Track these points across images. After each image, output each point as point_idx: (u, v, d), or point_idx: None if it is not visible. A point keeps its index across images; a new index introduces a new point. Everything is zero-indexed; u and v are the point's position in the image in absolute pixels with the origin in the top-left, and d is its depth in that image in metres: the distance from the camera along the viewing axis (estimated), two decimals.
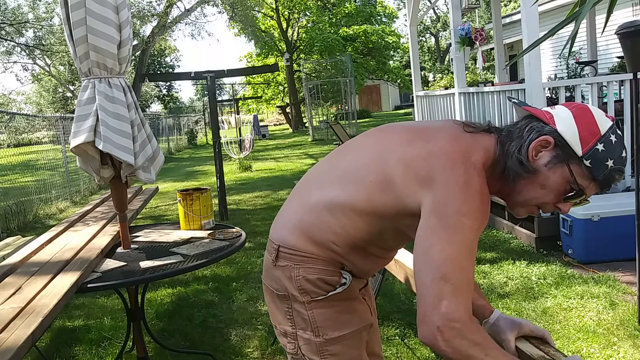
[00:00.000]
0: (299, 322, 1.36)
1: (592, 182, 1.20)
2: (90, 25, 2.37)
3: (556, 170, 1.19)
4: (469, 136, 1.26)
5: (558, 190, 1.21)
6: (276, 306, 1.41)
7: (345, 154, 1.40)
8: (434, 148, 1.22)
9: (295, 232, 1.35)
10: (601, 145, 1.17)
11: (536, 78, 4.45)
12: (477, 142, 1.25)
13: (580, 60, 8.50)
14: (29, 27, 21.65)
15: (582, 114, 1.20)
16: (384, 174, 1.26)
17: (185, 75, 7.76)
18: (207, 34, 60.33)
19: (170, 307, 3.99)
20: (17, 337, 1.75)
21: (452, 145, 1.22)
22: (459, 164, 1.18)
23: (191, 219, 2.98)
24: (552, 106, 1.27)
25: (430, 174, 1.19)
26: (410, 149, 1.25)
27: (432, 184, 1.18)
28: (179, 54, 52.00)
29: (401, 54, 36.90)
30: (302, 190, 1.43)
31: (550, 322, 3.19)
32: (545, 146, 1.20)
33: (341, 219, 1.30)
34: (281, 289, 1.37)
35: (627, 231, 3.64)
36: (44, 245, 2.82)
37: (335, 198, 1.30)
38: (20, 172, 10.45)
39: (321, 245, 1.32)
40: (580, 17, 1.37)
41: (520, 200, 1.26)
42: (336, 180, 1.34)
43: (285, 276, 1.35)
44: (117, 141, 2.42)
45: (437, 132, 1.29)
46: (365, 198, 1.27)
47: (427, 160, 1.21)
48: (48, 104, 34.18)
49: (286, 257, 1.35)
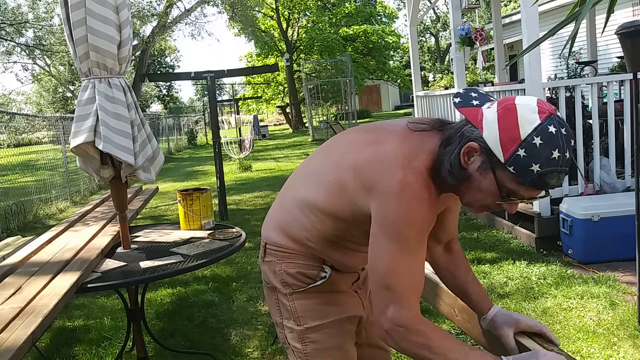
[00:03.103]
0: (284, 312, 1.48)
1: (521, 186, 1.14)
2: (90, 25, 2.37)
3: (486, 175, 1.17)
4: (416, 137, 1.27)
5: (493, 193, 1.18)
6: (269, 299, 1.53)
7: (321, 154, 1.49)
8: (379, 152, 1.26)
9: (276, 230, 1.47)
10: (522, 150, 1.10)
11: (536, 78, 4.45)
12: (423, 144, 1.25)
13: (580, 60, 8.49)
14: (29, 27, 21.65)
15: (505, 117, 1.13)
16: (339, 177, 1.33)
17: (185, 75, 7.76)
18: (207, 34, 60.37)
19: (170, 307, 3.99)
20: (17, 337, 1.75)
21: (396, 149, 1.24)
22: (399, 169, 1.20)
23: (191, 219, 2.98)
24: (491, 102, 1.21)
25: (372, 181, 1.24)
26: (361, 154, 1.30)
27: (374, 192, 1.23)
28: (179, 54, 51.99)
29: (401, 54, 36.88)
30: (283, 190, 1.54)
31: (550, 322, 3.19)
32: (474, 152, 1.17)
33: (310, 216, 1.39)
34: (269, 282, 1.50)
35: (627, 231, 3.64)
36: (44, 245, 2.82)
37: (303, 196, 1.41)
38: (20, 172, 10.46)
39: (298, 241, 1.43)
40: (580, 17, 1.37)
41: (466, 201, 1.27)
42: (305, 180, 1.45)
43: (270, 270, 1.48)
44: (117, 141, 2.43)
45: (388, 134, 1.31)
46: (325, 198, 1.36)
47: (371, 165, 1.25)
48: (48, 104, 34.17)
49: (271, 253, 1.47)
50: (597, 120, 4.63)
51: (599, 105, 4.80)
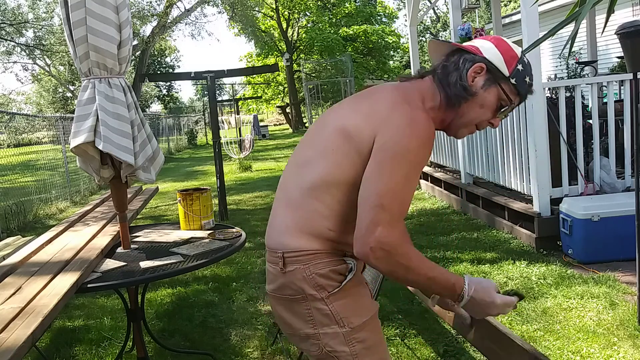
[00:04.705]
0: (320, 319, 1.39)
1: (517, 97, 1.44)
2: (90, 25, 2.36)
3: (490, 91, 1.42)
4: (407, 84, 1.46)
5: (493, 107, 1.43)
6: (293, 313, 1.42)
7: (304, 146, 1.51)
8: (378, 98, 1.41)
9: (294, 234, 1.40)
10: (520, 65, 1.42)
11: (536, 78, 4.45)
12: (414, 87, 1.44)
13: (580, 60, 8.49)
14: (29, 27, 21.65)
15: (499, 44, 1.43)
16: (341, 132, 1.37)
17: (185, 75, 7.76)
18: (207, 34, 60.37)
19: (170, 307, 3.99)
20: (17, 337, 1.75)
21: (393, 92, 1.41)
22: (403, 104, 1.35)
23: (191, 219, 2.98)
24: (471, 42, 1.48)
25: (378, 117, 1.34)
26: (361, 107, 1.41)
27: (382, 125, 1.33)
28: (179, 54, 52.00)
29: (401, 54, 36.87)
30: (283, 194, 1.49)
31: (550, 322, 3.19)
32: (479, 72, 1.41)
33: (325, 198, 1.37)
34: (297, 293, 1.40)
35: (627, 231, 3.64)
36: (44, 245, 2.82)
37: (311, 180, 1.39)
38: (20, 172, 10.45)
39: (319, 236, 1.39)
40: (580, 17, 1.37)
41: (464, 121, 1.45)
42: (307, 165, 1.43)
43: (298, 279, 1.38)
44: (117, 141, 2.42)
45: (380, 90, 1.46)
46: (334, 166, 1.37)
47: (373, 107, 1.38)
48: (48, 104, 34.18)
49: (293, 261, 1.39)
50: (597, 120, 4.63)
51: (599, 105, 4.80)
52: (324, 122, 1.50)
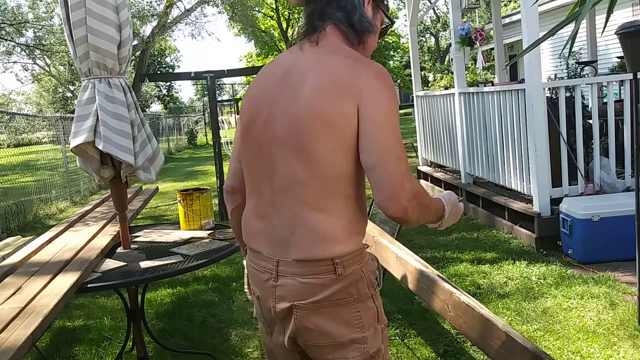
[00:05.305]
0: (367, 319, 1.36)
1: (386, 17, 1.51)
2: (90, 25, 2.37)
3: (377, 17, 1.47)
4: (325, 42, 1.38)
5: (379, 31, 1.50)
6: (339, 320, 1.34)
7: (269, 156, 1.37)
8: (329, 70, 1.33)
9: (334, 240, 1.32)
10: None
11: (536, 78, 4.45)
12: (333, 41, 1.39)
13: (580, 60, 8.48)
14: (29, 27, 21.65)
15: None
16: (320, 120, 1.28)
17: (185, 75, 7.76)
18: (207, 33, 60.15)
19: (170, 307, 3.99)
20: (17, 337, 1.75)
21: (335, 57, 1.36)
22: (356, 63, 1.32)
23: (191, 219, 2.98)
24: None
25: (349, 89, 1.28)
26: (319, 83, 1.31)
27: (358, 95, 1.27)
28: (179, 54, 51.96)
29: (401, 54, 36.88)
30: (285, 209, 1.35)
31: (550, 322, 3.19)
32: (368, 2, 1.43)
33: (331, 189, 1.30)
34: (350, 295, 1.33)
35: (627, 231, 3.64)
36: (44, 245, 2.82)
37: (323, 180, 1.30)
38: (20, 172, 10.46)
39: (352, 232, 1.34)
40: (580, 17, 1.37)
41: (368, 54, 1.48)
42: (296, 179, 1.31)
43: (354, 280, 1.33)
44: (117, 141, 2.43)
45: (304, 62, 1.38)
46: (320, 150, 1.28)
47: (335, 82, 1.30)
48: (48, 104, 34.17)
49: (350, 263, 1.32)
50: (597, 120, 4.63)
51: (599, 105, 4.80)
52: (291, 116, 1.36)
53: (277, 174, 1.34)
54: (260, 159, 1.37)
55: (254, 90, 1.43)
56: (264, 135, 1.36)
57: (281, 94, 1.34)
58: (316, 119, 1.27)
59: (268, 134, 1.35)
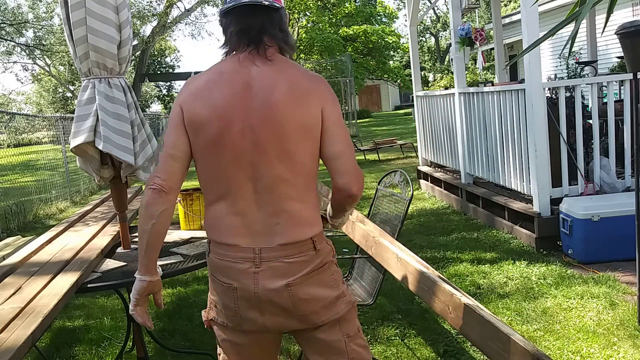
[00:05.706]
0: (338, 278, 1.64)
1: None
2: (90, 25, 2.37)
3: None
4: (282, 62, 1.57)
5: None
6: (323, 283, 1.59)
7: (247, 160, 1.54)
8: (294, 84, 1.55)
9: (316, 220, 1.59)
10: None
11: (536, 78, 4.45)
12: (285, 61, 1.59)
13: (580, 60, 8.48)
14: (29, 27, 21.66)
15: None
16: (288, 130, 1.50)
17: (185, 75, 7.78)
18: (207, 33, 60.32)
19: (170, 307, 3.99)
20: (17, 337, 1.75)
21: (296, 72, 1.58)
22: (311, 77, 1.58)
23: (191, 219, 2.98)
24: None
25: (315, 95, 1.54)
26: (277, 98, 1.51)
27: (322, 100, 1.54)
28: (179, 54, 51.97)
29: (401, 54, 36.86)
30: (268, 205, 1.56)
31: (550, 322, 3.19)
32: None
33: (308, 178, 1.57)
34: (323, 262, 1.59)
35: (627, 231, 3.64)
36: (44, 245, 2.82)
37: (291, 179, 1.53)
38: (20, 172, 10.46)
39: (319, 212, 1.63)
40: (580, 17, 1.37)
41: None
42: (278, 182, 1.53)
43: (326, 251, 1.61)
44: (117, 141, 2.43)
45: (261, 77, 1.56)
46: (302, 152, 1.52)
47: (307, 90, 1.55)
48: (48, 104, 34.19)
49: (321, 239, 1.59)
50: (597, 120, 4.63)
51: (599, 105, 4.80)
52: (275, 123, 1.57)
53: (261, 176, 1.52)
54: (239, 165, 1.52)
55: (216, 100, 1.53)
56: (243, 144, 1.51)
57: (252, 106, 1.50)
58: (297, 126, 1.49)
59: (247, 142, 1.50)
